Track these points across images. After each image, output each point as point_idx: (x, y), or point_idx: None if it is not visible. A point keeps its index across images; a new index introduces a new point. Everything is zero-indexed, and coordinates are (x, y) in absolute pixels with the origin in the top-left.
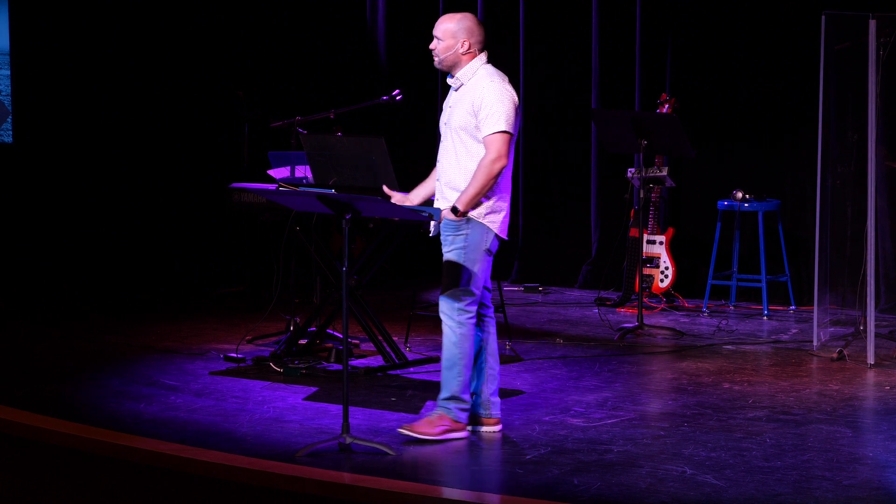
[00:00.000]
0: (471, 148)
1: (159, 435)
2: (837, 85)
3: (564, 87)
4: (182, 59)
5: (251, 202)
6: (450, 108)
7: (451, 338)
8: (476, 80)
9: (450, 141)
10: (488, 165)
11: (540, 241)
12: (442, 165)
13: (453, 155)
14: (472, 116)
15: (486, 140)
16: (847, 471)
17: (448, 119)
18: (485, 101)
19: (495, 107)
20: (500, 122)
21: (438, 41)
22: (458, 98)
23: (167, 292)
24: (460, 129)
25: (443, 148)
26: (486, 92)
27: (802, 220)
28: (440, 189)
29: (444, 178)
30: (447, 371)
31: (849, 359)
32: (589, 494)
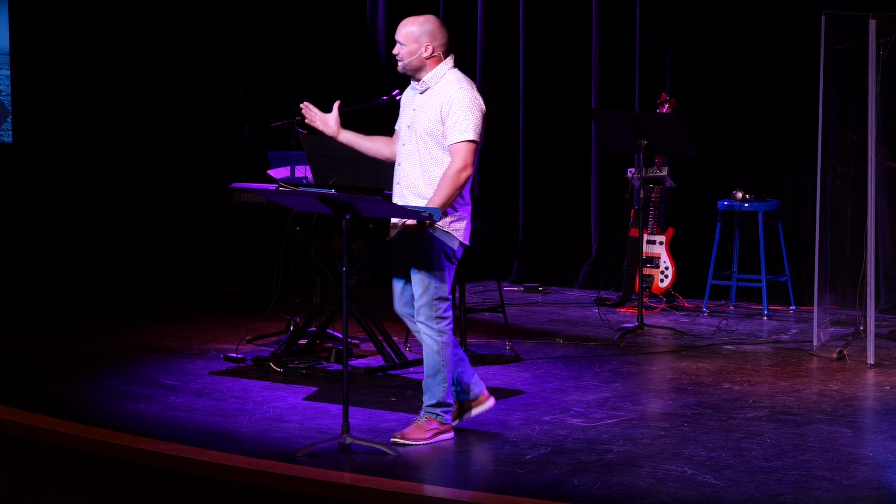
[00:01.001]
0: (435, 154)
1: (159, 435)
2: (837, 85)
3: (564, 87)
4: (182, 59)
5: (251, 202)
6: (414, 112)
7: (432, 346)
8: (444, 84)
9: (413, 145)
10: (454, 175)
11: (540, 241)
12: (404, 170)
13: (417, 160)
14: (439, 122)
15: (453, 148)
16: (847, 471)
17: (412, 122)
18: (453, 108)
19: (464, 114)
20: (468, 131)
21: (401, 46)
22: (423, 102)
23: (167, 292)
24: (426, 135)
25: (404, 151)
26: (454, 99)
27: (802, 220)
28: (400, 193)
29: (405, 183)
30: (431, 378)
31: (849, 359)
32: (589, 494)
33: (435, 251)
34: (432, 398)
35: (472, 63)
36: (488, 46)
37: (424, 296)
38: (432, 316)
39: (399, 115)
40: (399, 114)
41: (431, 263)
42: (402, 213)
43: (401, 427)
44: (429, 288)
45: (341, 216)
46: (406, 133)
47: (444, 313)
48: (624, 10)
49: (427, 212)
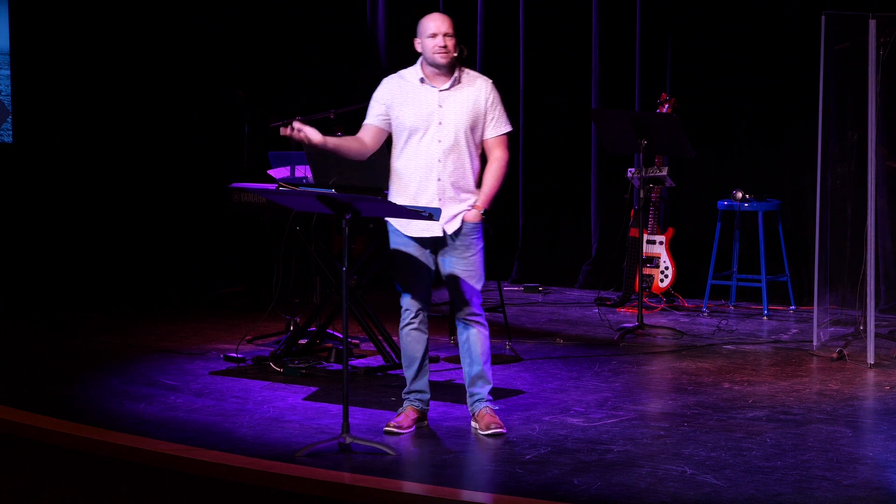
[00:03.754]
0: (475, 148)
1: (159, 435)
2: (837, 85)
3: (564, 87)
4: (182, 59)
5: (251, 202)
6: (441, 108)
7: (483, 332)
8: (472, 78)
9: (451, 140)
10: (505, 166)
11: (540, 241)
12: (445, 166)
13: (457, 155)
14: (480, 116)
15: (497, 140)
16: (847, 471)
17: (444, 118)
18: (492, 102)
19: (502, 108)
20: (508, 123)
21: (450, 37)
22: (452, 97)
23: (167, 292)
24: (467, 129)
25: (440, 148)
26: (492, 92)
27: (802, 220)
28: (442, 188)
29: (451, 180)
30: (486, 364)
31: (849, 359)
32: (589, 494)
33: (482, 242)
34: (487, 383)
35: (473, 63)
36: (488, 46)
37: (478, 285)
38: (481, 304)
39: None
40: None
41: (483, 255)
42: (403, 214)
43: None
44: (482, 280)
45: (341, 216)
46: (437, 130)
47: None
48: (624, 10)
49: (427, 212)
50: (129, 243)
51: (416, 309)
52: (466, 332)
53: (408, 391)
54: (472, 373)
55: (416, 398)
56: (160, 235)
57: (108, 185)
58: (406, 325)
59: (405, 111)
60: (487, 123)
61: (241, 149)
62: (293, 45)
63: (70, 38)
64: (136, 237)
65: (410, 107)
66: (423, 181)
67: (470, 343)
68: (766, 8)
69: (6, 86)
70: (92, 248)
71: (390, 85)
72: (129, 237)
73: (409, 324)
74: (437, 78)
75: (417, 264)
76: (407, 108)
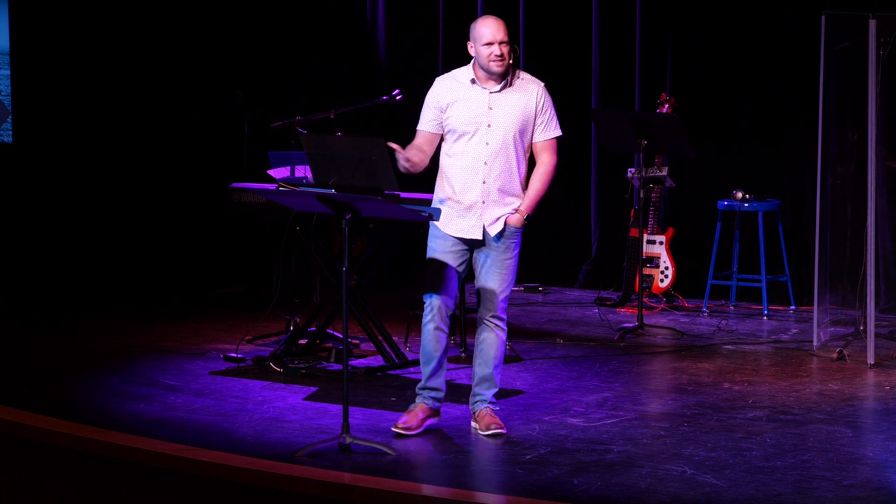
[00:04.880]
0: (523, 151)
1: (159, 435)
2: (837, 85)
3: (564, 87)
4: (182, 59)
5: (251, 202)
6: (491, 110)
7: (502, 336)
8: (525, 82)
9: (500, 143)
10: (553, 171)
11: (540, 241)
12: (492, 169)
13: (506, 157)
14: (530, 119)
15: (549, 144)
16: (847, 471)
17: (493, 121)
18: (545, 106)
19: (553, 112)
20: (558, 128)
21: (505, 45)
22: (502, 99)
23: (167, 292)
24: (516, 132)
25: (488, 151)
26: (545, 96)
27: (802, 220)
28: (487, 191)
29: (497, 184)
30: (496, 368)
31: (849, 359)
32: (589, 494)
33: (518, 247)
34: (494, 386)
35: None
36: None
37: (508, 289)
38: (505, 309)
39: (439, 115)
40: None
41: (517, 259)
42: (402, 213)
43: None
44: (512, 282)
45: (341, 216)
46: (485, 132)
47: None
48: (624, 10)
49: (427, 212)
50: (129, 243)
51: (439, 307)
52: (485, 334)
53: (422, 387)
54: (481, 374)
55: (430, 395)
56: (160, 235)
57: (108, 185)
58: (428, 322)
59: (456, 112)
60: (537, 127)
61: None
62: (293, 45)
63: (70, 38)
64: (136, 237)
65: (461, 108)
66: (468, 182)
67: (486, 345)
68: (766, 8)
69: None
70: (92, 248)
71: (442, 86)
72: (129, 237)
73: (430, 321)
74: (488, 80)
75: (449, 263)
76: (458, 109)
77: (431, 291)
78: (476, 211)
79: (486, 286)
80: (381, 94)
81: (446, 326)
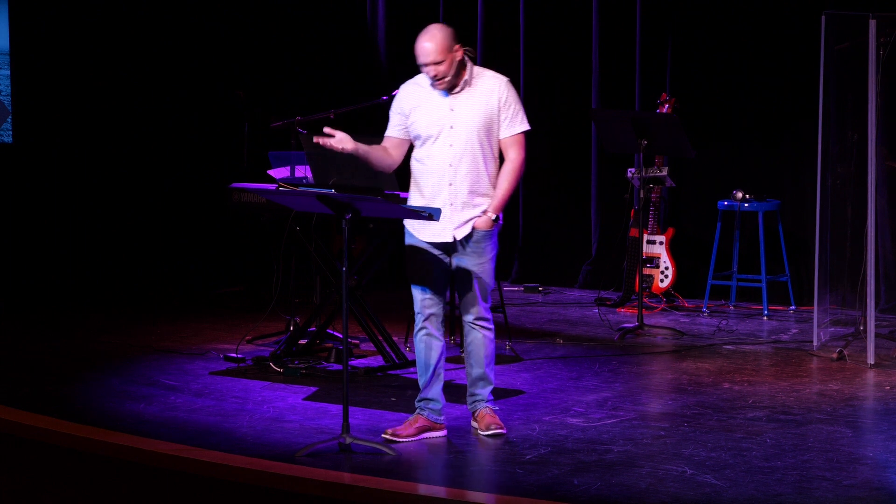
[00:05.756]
0: (491, 149)
1: (159, 435)
2: (837, 85)
3: (564, 87)
4: (182, 59)
5: (251, 202)
6: (452, 112)
7: (489, 336)
8: (485, 79)
9: (464, 144)
10: (521, 167)
11: (540, 241)
12: (458, 170)
13: (472, 158)
14: (494, 116)
15: (515, 140)
16: (847, 471)
17: (456, 122)
18: (508, 101)
19: (517, 105)
20: (524, 122)
21: (438, 65)
22: (463, 100)
23: (167, 292)
24: (481, 131)
25: (452, 152)
26: (507, 91)
27: (802, 220)
28: (455, 193)
29: (464, 184)
30: (488, 367)
31: (849, 359)
32: (589, 494)
33: (495, 248)
34: (489, 384)
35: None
36: (488, 46)
37: (487, 292)
38: (488, 309)
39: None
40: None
41: (494, 261)
42: (403, 213)
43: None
44: (491, 283)
45: (341, 216)
46: (449, 134)
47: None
48: (624, 10)
49: (427, 212)
50: (129, 243)
51: (428, 314)
52: (471, 336)
53: (419, 399)
54: (474, 374)
55: (427, 407)
56: (160, 235)
57: (107, 185)
58: (418, 329)
59: (418, 116)
60: (501, 123)
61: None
62: (293, 45)
63: (70, 38)
64: (136, 237)
65: (423, 112)
66: (435, 186)
67: (474, 346)
68: (766, 8)
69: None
70: (92, 248)
71: (405, 92)
72: (129, 237)
73: (422, 328)
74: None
75: (428, 269)
76: (420, 114)
77: (417, 299)
78: (446, 214)
79: (463, 289)
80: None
81: (439, 333)
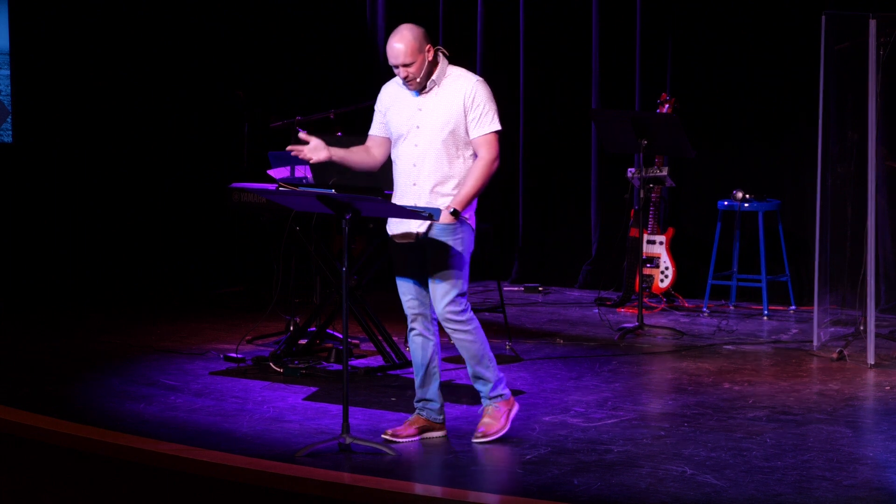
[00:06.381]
0: (456, 149)
1: (159, 435)
2: (837, 85)
3: (564, 87)
4: (182, 59)
5: (251, 202)
6: (420, 112)
7: (466, 338)
8: (453, 79)
9: (429, 144)
10: (489, 165)
11: (540, 241)
12: (422, 170)
13: (436, 158)
14: (461, 116)
15: (482, 140)
16: (847, 471)
17: (422, 122)
18: (476, 100)
19: (488, 105)
20: (494, 122)
21: (408, 67)
22: (432, 100)
23: (167, 292)
24: (446, 131)
25: (417, 152)
26: (476, 91)
27: (802, 220)
28: (418, 193)
29: (426, 183)
30: (478, 366)
31: (849, 359)
32: (589, 494)
33: (463, 245)
34: (488, 382)
35: (472, 63)
36: (488, 46)
37: (451, 293)
38: (457, 311)
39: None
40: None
41: (460, 259)
42: (402, 213)
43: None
44: (456, 285)
45: (341, 216)
46: (415, 134)
47: (467, 304)
48: (624, 10)
49: (427, 212)
50: (129, 243)
51: (414, 314)
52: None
53: (417, 399)
54: (469, 373)
55: (425, 407)
56: (160, 235)
57: (107, 185)
58: (409, 330)
59: (392, 116)
60: (469, 123)
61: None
62: (293, 45)
63: (70, 38)
64: (136, 237)
65: (396, 111)
66: (402, 185)
67: (458, 347)
68: (767, 8)
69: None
70: (92, 248)
71: (385, 91)
72: (129, 237)
73: (411, 329)
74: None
75: (403, 267)
76: (393, 113)
77: (402, 301)
78: None
79: (430, 287)
80: None
81: (429, 332)
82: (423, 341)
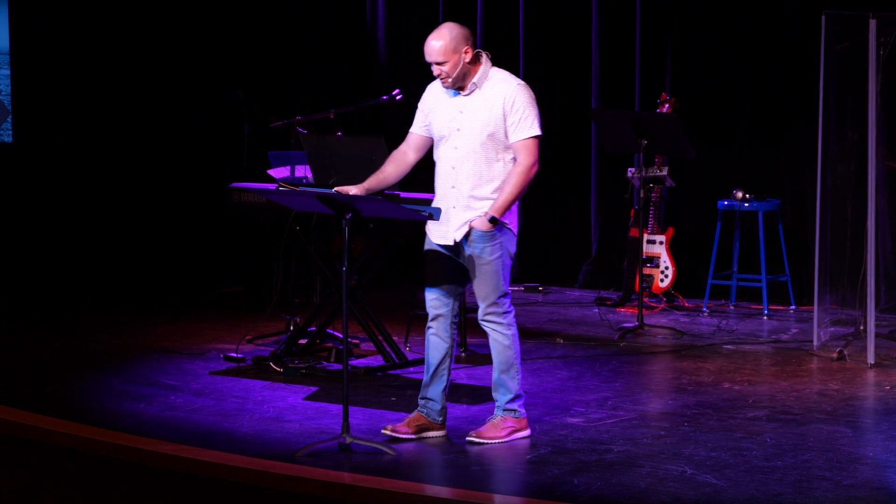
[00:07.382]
0: (496, 153)
1: (159, 435)
2: (837, 85)
3: (564, 87)
4: (182, 58)
5: (251, 202)
6: (461, 114)
7: (503, 342)
8: (495, 82)
9: (468, 147)
10: (527, 171)
11: (540, 241)
12: (461, 172)
13: (474, 161)
14: (500, 120)
15: (521, 144)
16: (847, 471)
17: (462, 125)
18: (516, 105)
19: (528, 110)
20: (534, 127)
21: (441, 65)
22: (473, 102)
23: (167, 292)
24: (485, 135)
25: (457, 155)
26: (517, 95)
27: (802, 220)
28: (457, 196)
29: (464, 186)
30: (504, 374)
31: (849, 359)
32: (589, 494)
33: (502, 249)
34: (508, 393)
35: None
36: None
37: (493, 294)
38: (500, 312)
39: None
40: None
41: (499, 263)
42: (402, 213)
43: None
44: (497, 287)
45: (341, 216)
46: (456, 136)
47: (509, 307)
48: (624, 10)
49: (427, 212)
50: (129, 243)
51: (435, 314)
52: (489, 337)
53: (420, 395)
54: (493, 378)
55: (426, 406)
56: (160, 235)
57: (107, 185)
58: (427, 328)
59: (435, 117)
60: (509, 128)
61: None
62: (293, 44)
63: (70, 38)
64: (136, 237)
65: (438, 113)
66: (442, 188)
67: (492, 349)
68: (767, 8)
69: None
70: (92, 248)
71: (428, 92)
72: (129, 237)
73: (429, 328)
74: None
75: (438, 271)
76: (436, 115)
77: (426, 299)
78: (449, 217)
79: (474, 290)
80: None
81: (446, 335)
82: (437, 342)
